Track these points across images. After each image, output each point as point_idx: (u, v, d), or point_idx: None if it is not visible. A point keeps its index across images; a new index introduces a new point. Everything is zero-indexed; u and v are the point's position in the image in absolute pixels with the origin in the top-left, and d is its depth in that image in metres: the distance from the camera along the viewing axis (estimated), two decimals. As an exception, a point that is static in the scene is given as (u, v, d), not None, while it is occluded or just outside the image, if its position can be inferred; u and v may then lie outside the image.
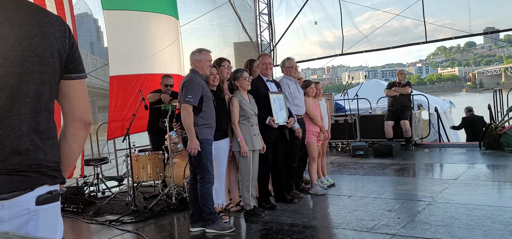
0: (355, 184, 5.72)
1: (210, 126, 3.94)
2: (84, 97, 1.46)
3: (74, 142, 1.46)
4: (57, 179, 1.37)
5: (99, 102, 12.22)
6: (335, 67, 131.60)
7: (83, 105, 1.46)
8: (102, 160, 6.31)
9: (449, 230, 3.51)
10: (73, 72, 1.42)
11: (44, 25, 1.33)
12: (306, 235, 3.68)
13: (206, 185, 3.89)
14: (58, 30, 1.36)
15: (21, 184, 1.27)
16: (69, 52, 1.39)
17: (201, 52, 4.00)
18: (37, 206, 1.30)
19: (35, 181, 1.30)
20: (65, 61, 1.38)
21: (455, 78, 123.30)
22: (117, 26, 6.52)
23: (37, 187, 1.30)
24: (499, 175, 5.59)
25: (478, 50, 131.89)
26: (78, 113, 1.44)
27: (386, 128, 8.12)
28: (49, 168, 1.34)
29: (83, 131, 1.47)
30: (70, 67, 1.40)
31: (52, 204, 1.35)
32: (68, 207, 5.07)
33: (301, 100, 5.09)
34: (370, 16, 10.60)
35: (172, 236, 4.12)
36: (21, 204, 1.27)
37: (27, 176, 1.28)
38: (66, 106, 1.44)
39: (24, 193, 1.27)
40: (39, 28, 1.31)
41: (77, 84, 1.43)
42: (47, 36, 1.32)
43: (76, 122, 1.44)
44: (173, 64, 7.22)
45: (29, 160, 1.29)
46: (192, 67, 4.02)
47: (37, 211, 1.30)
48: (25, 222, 1.28)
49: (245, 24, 10.79)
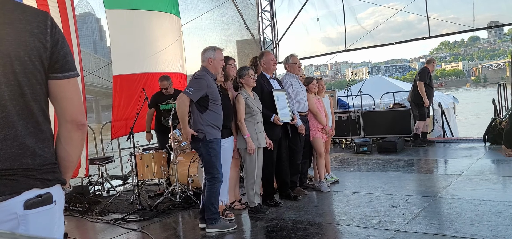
0: (359, 180, 5.71)
1: (218, 126, 3.93)
2: (75, 97, 1.37)
3: (69, 144, 1.39)
4: (51, 181, 1.32)
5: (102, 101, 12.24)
6: (338, 64, 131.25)
7: (74, 106, 1.37)
8: (107, 159, 6.34)
9: (454, 226, 3.50)
10: (60, 72, 1.33)
11: (18, 22, 1.25)
12: (311, 232, 3.68)
13: (216, 184, 3.89)
14: (36, 27, 1.28)
15: (6, 188, 1.23)
16: (53, 50, 1.30)
17: (215, 51, 3.94)
18: (26, 210, 1.26)
19: (22, 185, 1.26)
20: (48, 59, 1.30)
21: (459, 73, 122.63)
22: (120, 25, 6.53)
23: (24, 191, 1.26)
24: (504, 170, 5.56)
25: (482, 45, 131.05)
26: (69, 115, 1.36)
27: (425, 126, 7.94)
28: (39, 171, 1.29)
29: (77, 132, 1.38)
30: (56, 66, 1.32)
31: (43, 208, 1.29)
32: (74, 206, 5.11)
33: (304, 97, 5.09)
34: (373, 12, 10.56)
35: (177, 234, 4.13)
36: (8, 209, 1.23)
37: (13, 180, 1.24)
38: (57, 108, 1.37)
39: (10, 197, 1.23)
40: (11, 26, 1.24)
41: (65, 84, 1.34)
42: (20, 34, 1.24)
43: (68, 123, 1.37)
44: (176, 63, 7.22)
45: (15, 164, 1.25)
46: (204, 65, 3.94)
47: (25, 215, 1.26)
48: (15, 226, 1.25)
49: (247, 21, 10.77)
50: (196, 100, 3.80)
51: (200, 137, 3.83)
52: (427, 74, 7.76)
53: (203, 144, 3.84)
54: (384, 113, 8.92)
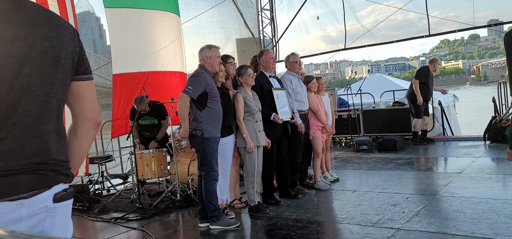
0: (359, 178, 5.71)
1: (217, 124, 3.94)
2: (94, 98, 1.50)
3: (85, 139, 1.51)
4: (69, 177, 1.42)
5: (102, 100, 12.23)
6: (338, 62, 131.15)
7: (94, 106, 1.50)
8: (107, 158, 6.34)
9: (454, 224, 3.50)
10: (84, 73, 1.46)
11: (58, 27, 1.36)
12: (311, 230, 3.68)
13: (211, 181, 3.91)
14: (70, 33, 1.40)
15: (39, 182, 1.30)
16: (80, 54, 1.43)
17: (210, 49, 3.99)
18: (55, 203, 1.34)
19: (52, 179, 1.34)
20: (76, 63, 1.42)
21: (459, 71, 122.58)
22: (120, 24, 6.53)
23: (54, 185, 1.34)
24: (504, 168, 5.56)
25: (482, 43, 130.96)
26: (90, 114, 1.48)
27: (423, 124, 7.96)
28: (63, 166, 1.38)
29: (94, 130, 1.52)
30: (81, 69, 1.44)
31: (68, 202, 1.39)
32: (74, 205, 5.05)
33: (304, 96, 5.09)
34: (373, 10, 10.53)
35: (177, 233, 4.13)
36: (40, 202, 1.30)
37: (44, 175, 1.32)
38: (77, 107, 1.47)
39: (43, 191, 1.31)
40: (55, 30, 1.35)
41: (87, 85, 1.47)
42: (61, 38, 1.36)
43: (88, 121, 1.48)
44: (176, 62, 7.22)
45: (46, 159, 1.33)
46: (201, 63, 4.01)
47: (54, 208, 1.34)
48: (42, 219, 1.32)
49: (247, 20, 10.76)
50: (196, 98, 3.82)
51: (198, 134, 3.85)
52: (424, 73, 7.80)
53: (201, 141, 3.86)
54: (384, 111, 8.92)
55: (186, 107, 3.83)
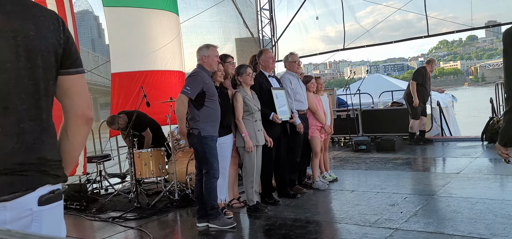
0: (357, 178, 5.72)
1: (214, 123, 3.94)
2: (85, 92, 1.41)
3: (76, 138, 1.41)
4: (60, 177, 1.34)
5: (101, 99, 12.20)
6: (337, 62, 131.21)
7: (84, 101, 1.41)
8: (105, 157, 6.33)
9: (452, 224, 3.51)
10: (72, 67, 1.37)
11: (37, 18, 1.29)
12: (309, 230, 3.68)
13: (211, 179, 3.90)
14: (52, 24, 1.32)
15: (22, 184, 1.23)
16: (65, 46, 1.34)
17: (209, 48, 4.00)
18: (40, 206, 1.26)
19: (37, 180, 1.26)
20: (61, 56, 1.33)
21: (458, 72, 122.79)
22: (118, 23, 6.52)
23: (38, 187, 1.26)
24: (502, 168, 5.57)
25: (480, 44, 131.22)
26: (80, 110, 1.40)
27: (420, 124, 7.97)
28: (51, 166, 1.30)
29: (85, 127, 1.42)
30: (68, 63, 1.36)
31: (55, 204, 1.31)
32: (71, 205, 5.09)
33: (303, 96, 5.09)
34: (372, 11, 10.55)
35: (175, 232, 4.13)
36: (23, 205, 1.23)
37: (28, 176, 1.25)
38: (67, 103, 1.39)
39: (26, 194, 1.23)
40: (33, 21, 1.27)
41: (77, 79, 1.38)
42: (41, 30, 1.28)
43: (79, 118, 1.40)
44: (174, 61, 7.22)
45: (30, 159, 1.25)
46: (199, 63, 4.01)
47: (39, 211, 1.26)
48: (28, 223, 1.24)
49: (246, 20, 10.75)
50: (194, 97, 3.82)
51: (195, 133, 3.85)
52: (421, 75, 7.82)
53: (198, 140, 3.86)
54: (383, 112, 8.93)
55: (184, 108, 3.84)
